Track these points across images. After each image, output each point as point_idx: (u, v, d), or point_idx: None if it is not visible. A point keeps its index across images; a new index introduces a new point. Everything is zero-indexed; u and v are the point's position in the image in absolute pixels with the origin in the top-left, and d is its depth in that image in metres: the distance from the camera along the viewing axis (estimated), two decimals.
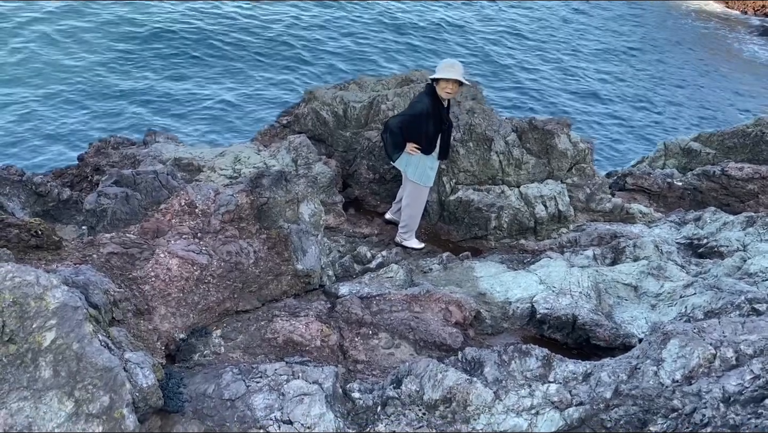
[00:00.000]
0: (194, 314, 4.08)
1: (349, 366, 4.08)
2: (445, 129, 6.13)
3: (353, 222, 6.95)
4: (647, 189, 8.16)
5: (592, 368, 3.28)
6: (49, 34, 14.07)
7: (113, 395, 2.94)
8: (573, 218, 6.94)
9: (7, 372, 2.71)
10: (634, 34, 22.84)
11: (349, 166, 7.47)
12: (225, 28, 15.83)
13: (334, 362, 4.05)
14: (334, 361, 4.07)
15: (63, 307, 2.90)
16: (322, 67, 15.01)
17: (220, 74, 13.83)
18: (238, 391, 3.39)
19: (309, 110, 7.69)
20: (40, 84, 12.46)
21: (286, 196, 4.84)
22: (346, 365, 4.08)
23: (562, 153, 7.17)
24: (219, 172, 6.56)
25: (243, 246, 4.43)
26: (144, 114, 12.09)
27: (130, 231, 4.28)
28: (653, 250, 5.56)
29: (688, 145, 9.13)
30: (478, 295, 5.05)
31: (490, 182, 7.04)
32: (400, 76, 8.42)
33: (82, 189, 6.67)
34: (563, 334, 4.61)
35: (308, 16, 17.55)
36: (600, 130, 15.17)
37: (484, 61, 17.53)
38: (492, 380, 3.31)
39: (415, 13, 19.57)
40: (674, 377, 2.99)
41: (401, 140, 6.01)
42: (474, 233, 6.79)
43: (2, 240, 3.62)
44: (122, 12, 15.73)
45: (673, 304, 4.71)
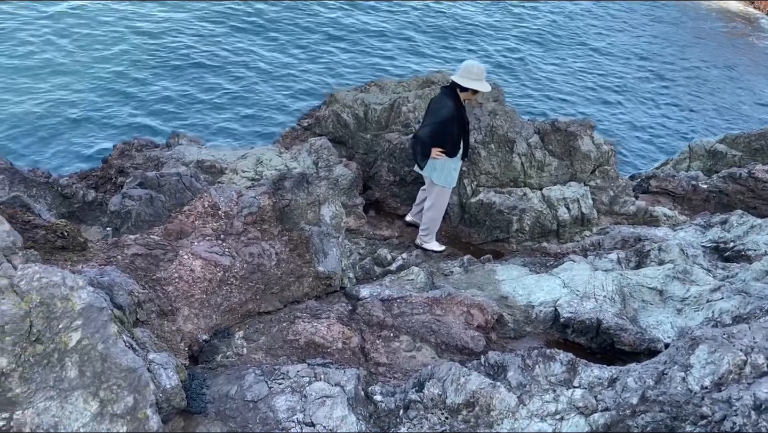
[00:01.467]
0: (217, 315, 4.10)
1: (370, 369, 4.07)
2: (466, 133, 6.12)
3: (374, 224, 6.94)
4: (671, 192, 8.04)
5: (617, 373, 3.23)
6: (73, 36, 14.27)
7: (137, 396, 2.96)
8: (596, 220, 6.86)
9: (35, 372, 2.73)
10: (655, 34, 22.56)
11: (369, 168, 7.46)
12: (247, 32, 15.95)
13: (356, 364, 4.04)
14: (355, 363, 4.06)
15: (88, 308, 2.92)
16: (343, 69, 15.04)
17: (242, 77, 13.92)
18: (261, 392, 3.40)
19: (330, 113, 7.70)
20: (64, 86, 12.65)
21: (307, 199, 4.85)
22: (368, 368, 4.07)
23: (585, 155, 7.09)
24: (241, 175, 6.59)
25: (265, 248, 4.44)
26: (167, 116, 12.21)
27: (154, 232, 4.31)
28: (678, 253, 5.47)
29: (713, 147, 8.98)
30: (500, 298, 5.01)
31: (512, 184, 6.99)
32: (421, 78, 8.40)
33: (106, 191, 6.74)
34: (587, 338, 4.55)
35: (328, 19, 17.60)
36: (622, 131, 14.99)
37: (504, 63, 17.43)
38: (516, 384, 3.28)
39: (436, 16, 19.53)
40: (703, 383, 2.93)
41: (429, 149, 6.00)
42: (495, 235, 6.74)
43: (29, 241, 3.67)
44: (146, 13, 15.92)
45: (699, 308, 4.63)
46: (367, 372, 3.98)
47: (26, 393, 2.71)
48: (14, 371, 2.69)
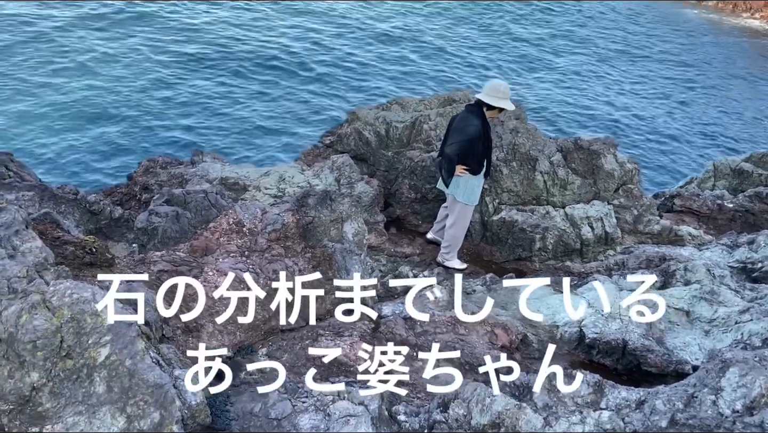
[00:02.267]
0: (241, 332, 4.11)
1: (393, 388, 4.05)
2: (490, 150, 6.15)
3: (395, 241, 6.94)
4: (696, 211, 7.94)
5: (645, 396, 3.18)
6: (96, 56, 14.56)
7: (163, 412, 2.98)
8: (620, 239, 6.80)
9: (64, 386, 2.77)
10: (679, 53, 22.45)
11: (390, 185, 7.48)
12: (272, 51, 16.15)
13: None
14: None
15: (117, 323, 2.96)
16: (365, 87, 15.16)
17: (266, 95, 14.08)
18: (285, 410, 3.40)
19: (352, 130, 7.75)
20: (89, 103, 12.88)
21: (330, 216, 4.88)
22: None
23: (608, 173, 7.04)
24: (264, 192, 6.65)
25: (288, 264, 4.46)
26: (191, 134, 12.37)
27: (180, 249, 4.36)
28: (705, 273, 5.39)
29: (739, 166, 8.87)
30: (524, 318, 4.96)
31: (535, 202, 6.96)
32: (442, 96, 8.44)
33: (131, 207, 6.84)
34: (613, 359, 4.49)
35: (351, 39, 17.78)
36: (646, 150, 14.87)
37: (523, 80, 17.44)
38: (542, 405, 3.24)
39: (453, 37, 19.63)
40: (734, 407, 2.87)
41: (455, 166, 6.02)
42: (518, 254, 6.70)
43: (59, 257, 3.73)
44: (170, 32, 16.21)
45: (728, 330, 4.55)
46: (390, 392, 3.96)
47: (56, 408, 2.75)
48: (45, 386, 2.73)
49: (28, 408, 2.72)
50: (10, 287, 2.89)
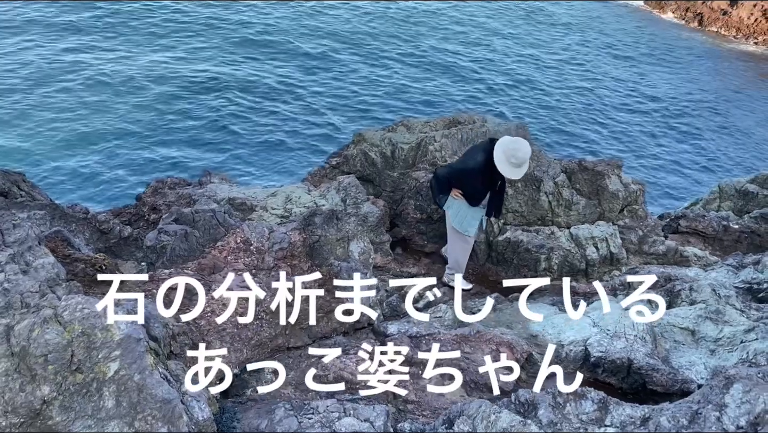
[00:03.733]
0: (247, 349, 4.15)
1: (399, 406, 4.06)
2: (498, 188, 6.03)
3: (400, 261, 6.97)
4: (702, 232, 7.96)
5: (650, 413, 3.19)
6: (103, 78, 14.80)
7: (171, 427, 3.01)
8: (625, 260, 6.82)
9: (74, 400, 2.81)
10: (684, 75, 22.61)
11: (396, 206, 7.54)
12: (276, 73, 16.37)
13: (384, 400, 4.03)
14: (384, 400, 4.05)
15: (127, 338, 3.00)
16: (371, 109, 15.33)
17: (273, 118, 14.26)
18: (291, 427, 3.42)
19: (358, 151, 7.84)
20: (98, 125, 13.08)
21: (336, 235, 4.93)
22: (396, 405, 4.06)
23: (613, 194, 7.09)
24: (271, 212, 6.71)
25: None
26: (198, 155, 12.53)
27: (188, 267, 4.41)
28: (710, 294, 5.40)
29: (744, 187, 8.89)
30: (530, 337, 4.98)
31: (539, 223, 7.00)
32: (448, 118, 8.53)
33: (140, 228, 6.91)
34: (618, 378, 4.49)
35: (357, 59, 18.01)
36: (651, 171, 14.94)
37: (529, 102, 17.59)
38: (546, 422, 3.25)
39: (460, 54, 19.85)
40: (738, 423, 2.88)
41: (447, 187, 6.04)
42: (523, 274, 6.73)
43: (70, 274, 3.79)
44: (179, 52, 16.48)
45: (733, 349, 4.55)
46: (396, 409, 3.97)
47: (65, 421, 2.78)
48: (55, 400, 2.77)
49: (39, 421, 2.75)
50: (23, 301, 2.94)
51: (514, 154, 5.61)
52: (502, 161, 5.62)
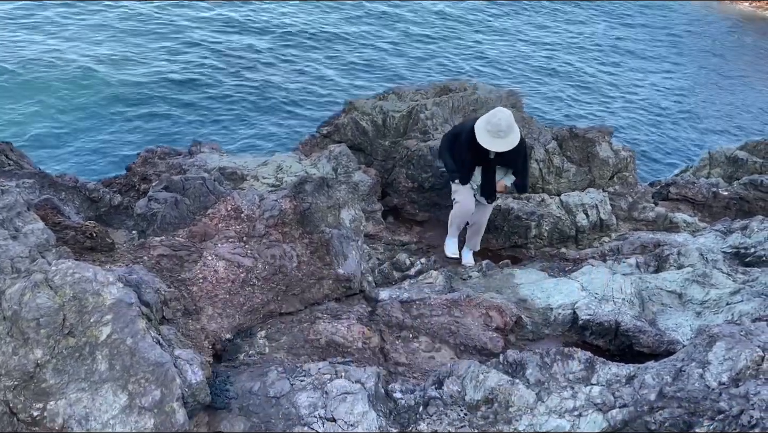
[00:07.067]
0: (240, 315, 4.18)
1: (390, 368, 4.12)
2: (489, 168, 5.94)
3: (392, 230, 7.00)
4: (691, 199, 8.01)
5: (635, 371, 3.26)
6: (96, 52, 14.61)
7: (164, 390, 3.05)
8: (615, 226, 6.87)
9: (67, 364, 2.84)
10: (673, 41, 22.50)
11: (387, 175, 7.54)
12: (266, 42, 16.20)
13: (376, 364, 4.09)
14: (375, 363, 4.11)
15: (118, 303, 3.03)
16: (362, 77, 15.21)
17: (263, 87, 14.14)
18: (283, 389, 3.47)
19: (349, 120, 7.80)
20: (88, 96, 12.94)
21: (327, 202, 4.94)
22: (387, 367, 4.13)
23: (603, 161, 7.11)
24: (262, 181, 6.71)
25: (286, 250, 4.53)
26: (187, 125, 12.43)
27: (179, 235, 4.42)
28: (698, 258, 5.46)
29: (734, 154, 8.93)
30: (519, 301, 5.04)
31: (530, 190, 7.02)
32: (439, 86, 8.49)
33: (130, 197, 6.89)
34: (606, 340, 4.57)
35: (347, 28, 17.81)
36: (642, 139, 14.96)
37: (522, 69, 17.49)
38: (534, 381, 3.32)
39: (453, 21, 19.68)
40: (720, 379, 2.95)
41: (450, 159, 6.00)
42: (513, 241, 6.77)
43: (60, 241, 3.79)
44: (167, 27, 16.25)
45: (719, 311, 4.63)
46: (387, 372, 4.04)
47: (59, 384, 2.82)
48: (48, 363, 2.80)
49: (32, 384, 2.79)
50: (14, 266, 2.95)
51: (490, 120, 5.49)
52: (481, 130, 5.53)
